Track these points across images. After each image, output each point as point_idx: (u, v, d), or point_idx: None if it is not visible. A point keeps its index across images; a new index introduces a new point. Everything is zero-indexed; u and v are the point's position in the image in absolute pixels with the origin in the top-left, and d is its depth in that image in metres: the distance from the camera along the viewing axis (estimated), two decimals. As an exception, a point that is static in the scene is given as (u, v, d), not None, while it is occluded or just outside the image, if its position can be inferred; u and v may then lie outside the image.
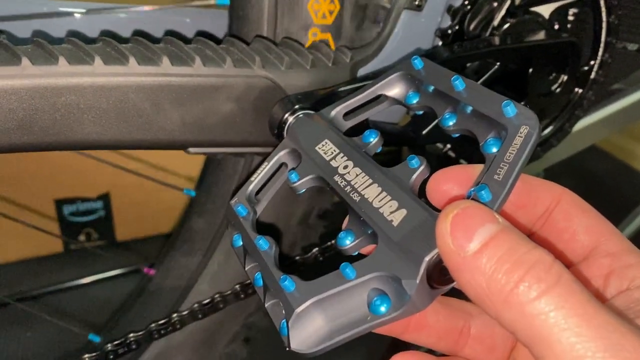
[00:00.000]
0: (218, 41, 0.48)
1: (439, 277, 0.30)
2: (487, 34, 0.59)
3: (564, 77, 0.63)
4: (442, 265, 0.29)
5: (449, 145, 0.65)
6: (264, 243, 0.36)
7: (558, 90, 0.63)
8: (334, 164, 0.38)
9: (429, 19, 0.56)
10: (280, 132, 0.46)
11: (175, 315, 0.61)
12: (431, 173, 0.35)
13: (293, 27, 0.51)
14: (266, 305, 0.34)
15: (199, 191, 0.69)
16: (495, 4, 0.59)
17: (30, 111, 0.39)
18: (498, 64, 0.57)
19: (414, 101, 0.40)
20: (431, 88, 0.39)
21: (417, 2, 0.53)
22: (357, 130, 0.42)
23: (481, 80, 0.57)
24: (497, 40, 0.59)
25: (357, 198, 0.35)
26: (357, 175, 0.36)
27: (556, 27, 0.63)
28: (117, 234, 1.17)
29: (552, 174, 0.90)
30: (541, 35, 0.60)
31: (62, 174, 1.08)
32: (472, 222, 0.26)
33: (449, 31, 0.57)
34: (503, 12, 0.59)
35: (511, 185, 0.30)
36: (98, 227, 1.14)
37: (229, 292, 0.62)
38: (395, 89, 0.42)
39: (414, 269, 0.29)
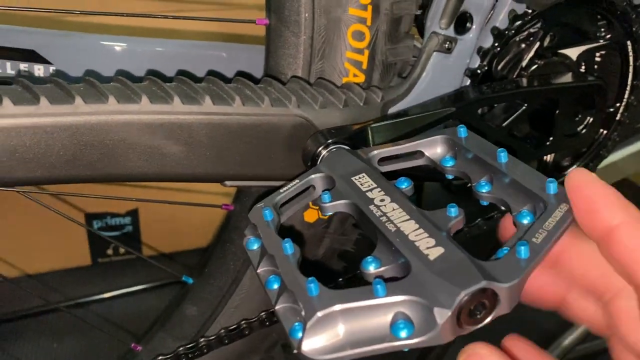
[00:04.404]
0: (256, 80, 0.50)
1: (466, 317, 0.31)
2: (515, 74, 0.61)
3: (590, 119, 0.64)
4: (473, 306, 0.30)
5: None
6: (289, 247, 0.36)
7: (584, 131, 0.64)
8: (370, 195, 0.39)
9: (459, 60, 0.58)
10: (313, 164, 0.48)
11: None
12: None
13: (327, 69, 0.53)
14: (277, 307, 0.34)
15: (198, 280, 0.69)
16: (524, 46, 0.61)
17: (81, 146, 0.42)
18: (525, 105, 0.58)
19: (449, 165, 0.42)
20: (470, 155, 0.41)
21: (447, 46, 0.55)
22: (389, 177, 0.43)
23: (508, 121, 0.58)
24: (525, 81, 0.60)
25: (392, 229, 0.35)
26: (393, 209, 0.37)
27: (583, 68, 0.64)
28: (143, 249, 1.20)
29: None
30: (568, 77, 0.61)
31: (94, 190, 1.11)
32: None
33: (479, 71, 0.59)
34: (532, 53, 0.61)
35: (548, 249, 0.32)
36: (125, 242, 1.17)
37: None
38: (434, 150, 0.45)
39: (448, 299, 0.30)
